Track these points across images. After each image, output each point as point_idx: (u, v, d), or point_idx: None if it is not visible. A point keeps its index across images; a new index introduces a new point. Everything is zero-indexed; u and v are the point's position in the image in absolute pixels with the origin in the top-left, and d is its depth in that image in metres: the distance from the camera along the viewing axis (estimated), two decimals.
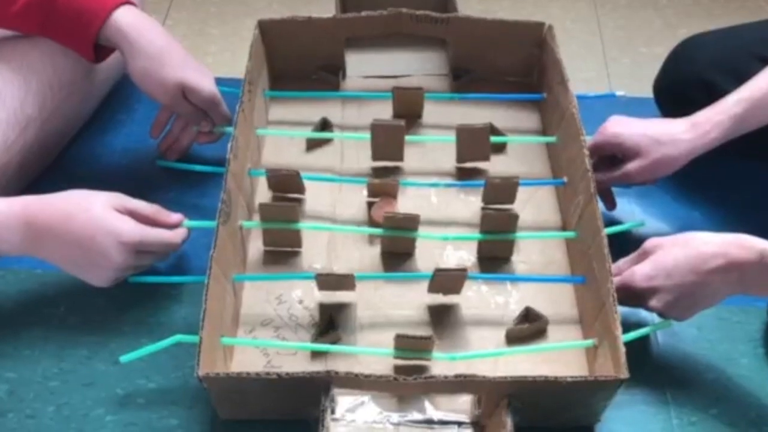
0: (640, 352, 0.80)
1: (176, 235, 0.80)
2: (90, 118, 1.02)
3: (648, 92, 1.04)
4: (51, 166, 0.96)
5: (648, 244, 0.76)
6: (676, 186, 0.95)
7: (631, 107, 0.95)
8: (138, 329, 0.81)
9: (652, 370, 0.79)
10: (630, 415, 0.76)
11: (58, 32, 0.86)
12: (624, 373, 0.67)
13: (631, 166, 0.85)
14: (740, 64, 0.92)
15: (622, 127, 0.86)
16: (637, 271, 0.75)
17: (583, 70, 1.20)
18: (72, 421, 0.75)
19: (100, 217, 0.75)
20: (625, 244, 0.81)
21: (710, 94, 0.88)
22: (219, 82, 0.92)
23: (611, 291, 0.72)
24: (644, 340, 0.80)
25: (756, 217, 0.92)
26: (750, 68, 0.88)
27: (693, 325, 0.82)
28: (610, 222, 0.92)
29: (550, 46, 0.96)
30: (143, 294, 0.83)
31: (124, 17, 0.84)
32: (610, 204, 0.91)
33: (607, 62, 1.22)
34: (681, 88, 0.97)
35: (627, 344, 0.70)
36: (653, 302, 0.74)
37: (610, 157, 0.88)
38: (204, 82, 0.88)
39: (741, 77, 0.87)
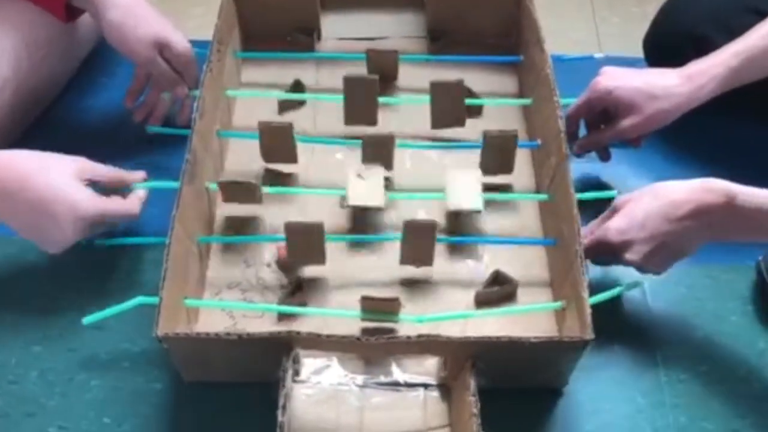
0: (628, 311, 0.80)
1: (134, 205, 0.78)
2: (70, 81, 1.00)
3: (638, 52, 1.02)
4: (30, 129, 0.94)
5: (617, 201, 0.76)
6: (666, 146, 0.94)
7: (619, 66, 0.92)
8: (122, 293, 0.79)
9: (641, 329, 0.79)
10: (619, 374, 0.76)
11: None
12: (589, 334, 0.66)
13: (625, 123, 0.83)
14: (733, 18, 0.90)
15: (614, 82, 0.83)
16: (611, 226, 0.74)
17: (573, 30, 1.18)
18: (56, 386, 0.74)
19: (58, 186, 0.72)
20: (602, 208, 0.79)
21: (702, 48, 0.86)
22: (198, 44, 0.90)
23: (579, 252, 0.71)
24: (633, 299, 0.80)
25: (746, 174, 0.90)
26: (743, 21, 0.86)
27: (682, 283, 0.82)
28: (599, 185, 0.91)
29: (527, 6, 0.94)
30: (126, 257, 0.82)
31: None
32: (605, 155, 0.90)
33: (597, 22, 1.21)
34: (672, 43, 0.95)
35: (605, 304, 0.70)
36: (629, 255, 0.73)
37: (602, 111, 0.86)
38: (179, 36, 0.87)
39: (734, 31, 0.85)
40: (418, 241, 0.79)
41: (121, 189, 0.79)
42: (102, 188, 0.77)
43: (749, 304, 0.81)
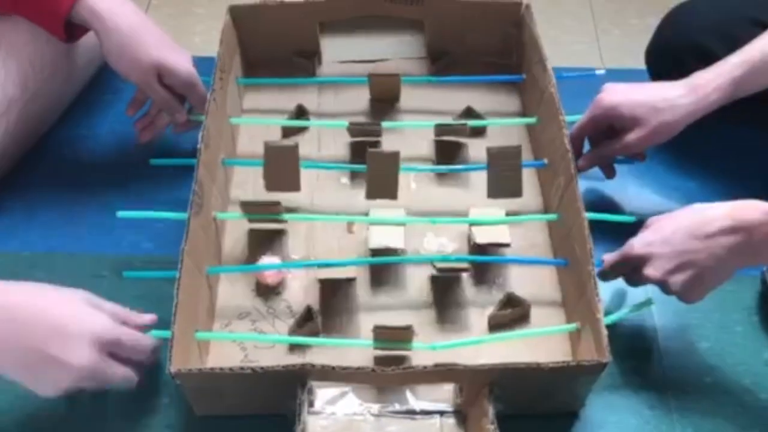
0: (633, 323, 0.79)
1: (152, 341, 0.70)
2: (76, 99, 1.00)
3: (640, 63, 1.02)
4: (37, 146, 0.94)
5: (651, 219, 0.74)
6: (670, 156, 0.94)
7: (621, 80, 0.92)
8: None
9: (646, 340, 0.79)
10: (625, 386, 0.76)
11: (28, 9, 0.84)
12: (606, 357, 0.65)
13: (631, 137, 0.82)
14: (735, 28, 0.90)
15: (618, 97, 0.83)
16: (635, 239, 0.72)
17: (574, 43, 1.18)
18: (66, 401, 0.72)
19: (74, 309, 0.66)
20: (610, 227, 0.80)
21: (704, 59, 0.86)
22: (203, 60, 0.89)
23: (592, 273, 0.70)
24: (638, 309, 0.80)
25: (752, 185, 0.90)
26: (745, 32, 0.86)
27: None
28: (602, 203, 0.91)
29: (528, 25, 0.94)
30: (136, 283, 0.80)
31: None
32: (610, 173, 0.89)
33: (598, 34, 1.21)
34: (675, 54, 0.95)
35: (613, 324, 0.69)
36: (649, 270, 0.70)
37: (608, 126, 0.85)
38: (181, 61, 0.86)
39: (736, 41, 0.84)
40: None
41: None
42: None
43: (754, 315, 0.81)
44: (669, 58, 0.96)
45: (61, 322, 0.64)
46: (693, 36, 0.93)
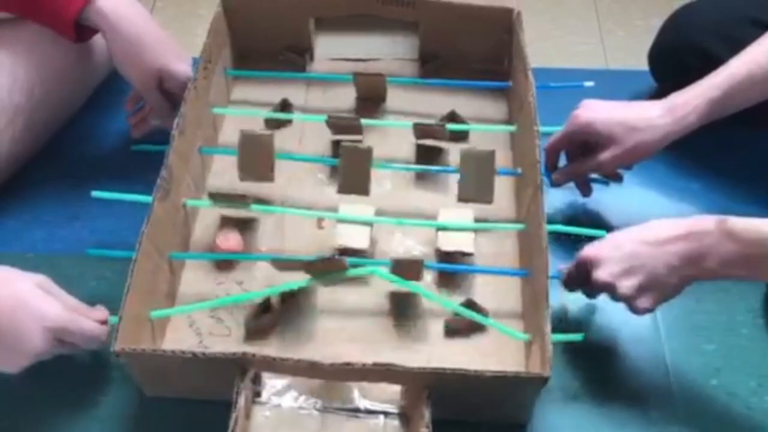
0: (637, 324, 0.79)
1: (102, 330, 0.70)
2: (87, 100, 1.00)
3: (643, 65, 1.01)
4: (43, 147, 0.95)
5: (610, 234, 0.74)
6: (674, 158, 0.93)
7: (624, 80, 0.91)
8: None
9: (651, 342, 0.79)
10: (631, 387, 0.76)
11: (37, 11, 0.85)
12: (548, 372, 0.65)
13: (605, 155, 0.81)
14: (737, 30, 0.90)
15: (594, 114, 0.82)
16: (587, 246, 0.72)
17: (579, 44, 1.18)
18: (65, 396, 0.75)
19: (24, 295, 0.66)
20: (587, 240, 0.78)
21: (706, 60, 0.85)
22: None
23: (546, 286, 0.69)
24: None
25: (754, 186, 0.90)
26: (745, 32, 0.85)
27: (692, 296, 0.80)
28: (603, 207, 0.90)
29: (517, 32, 0.93)
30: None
31: (107, 1, 0.82)
32: (586, 191, 0.89)
33: (602, 35, 1.20)
34: (676, 55, 0.95)
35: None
36: (598, 273, 0.69)
37: (583, 143, 0.84)
38: (183, 68, 0.86)
39: (736, 42, 0.84)
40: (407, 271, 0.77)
41: None
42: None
43: (760, 317, 0.81)
44: (671, 59, 0.96)
45: (15, 306, 0.66)
46: (695, 37, 0.93)
